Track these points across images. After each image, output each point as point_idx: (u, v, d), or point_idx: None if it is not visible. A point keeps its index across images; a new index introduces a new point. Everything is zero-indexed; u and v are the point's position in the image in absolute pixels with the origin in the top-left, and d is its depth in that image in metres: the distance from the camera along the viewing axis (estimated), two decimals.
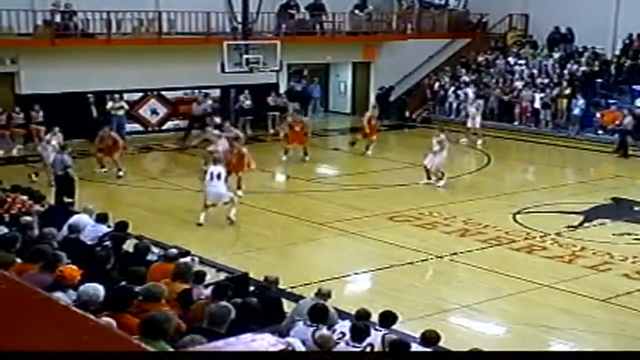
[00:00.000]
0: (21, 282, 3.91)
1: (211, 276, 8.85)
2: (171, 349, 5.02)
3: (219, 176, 13.86)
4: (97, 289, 6.43)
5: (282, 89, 25.69)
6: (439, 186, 16.92)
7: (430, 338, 7.22)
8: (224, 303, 6.57)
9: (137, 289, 6.88)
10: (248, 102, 23.91)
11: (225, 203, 14.02)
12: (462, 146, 22.14)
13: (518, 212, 15.04)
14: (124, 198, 15.79)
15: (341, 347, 6.97)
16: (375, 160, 20.35)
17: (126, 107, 22.27)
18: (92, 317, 3.37)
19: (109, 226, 10.43)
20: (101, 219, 10.56)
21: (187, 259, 9.15)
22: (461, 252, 12.68)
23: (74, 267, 7.26)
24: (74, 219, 10.24)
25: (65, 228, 9.87)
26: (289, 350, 4.27)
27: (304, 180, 17.85)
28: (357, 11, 26.41)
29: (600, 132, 23.39)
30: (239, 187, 15.83)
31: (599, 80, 25.02)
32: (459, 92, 26.76)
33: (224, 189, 13.97)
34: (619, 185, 17.75)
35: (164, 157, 21.67)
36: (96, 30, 21.81)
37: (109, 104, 22.06)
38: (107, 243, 9.29)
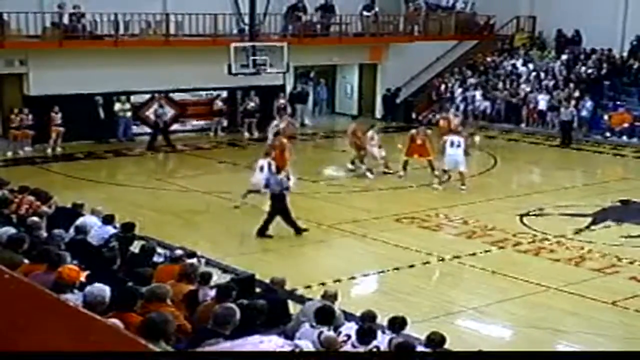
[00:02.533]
0: (30, 282, 3.93)
1: (217, 277, 8.86)
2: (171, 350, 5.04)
3: (262, 168, 14.65)
4: (103, 290, 6.44)
5: (289, 90, 25.72)
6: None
7: (435, 340, 7.19)
8: (229, 304, 6.57)
9: (142, 289, 6.90)
10: (253, 103, 23.97)
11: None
12: (469, 148, 22.08)
13: (525, 214, 15.01)
14: (131, 199, 15.80)
15: (347, 349, 6.96)
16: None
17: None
18: (99, 317, 3.38)
19: (115, 227, 10.44)
20: (108, 220, 10.58)
21: (193, 260, 9.16)
22: (468, 254, 12.65)
23: (74, 267, 7.27)
24: (80, 220, 10.26)
25: (72, 229, 9.90)
26: (296, 351, 4.27)
27: (311, 181, 17.84)
28: (365, 12, 26.40)
29: (608, 134, 23.37)
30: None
31: (606, 82, 24.98)
32: (466, 94, 26.76)
33: (261, 180, 14.51)
34: (627, 187, 17.68)
35: (171, 158, 21.71)
36: (104, 32, 21.87)
37: (117, 106, 22.18)
38: (114, 244, 9.31)
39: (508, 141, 23.95)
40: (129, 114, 22.47)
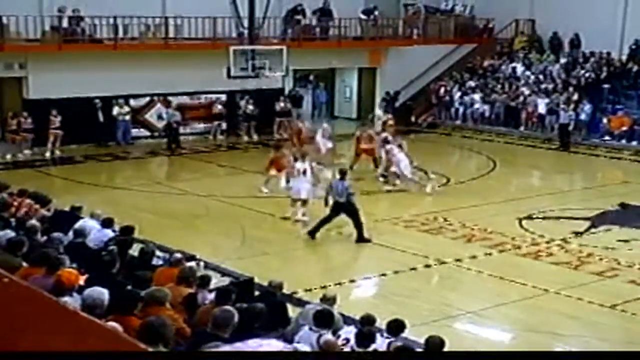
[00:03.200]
0: (30, 286, 3.93)
1: (216, 281, 8.86)
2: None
3: (304, 172, 14.22)
4: (102, 293, 6.45)
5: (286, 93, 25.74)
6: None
7: (434, 344, 7.19)
8: (227, 307, 6.58)
9: (142, 293, 6.91)
10: (251, 107, 23.99)
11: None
12: (467, 151, 22.14)
13: (524, 218, 15.01)
14: (130, 203, 15.80)
15: None
16: None
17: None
18: (97, 320, 3.38)
19: (114, 231, 10.44)
20: (107, 223, 10.58)
21: (192, 263, 9.16)
22: (467, 258, 12.66)
23: (73, 271, 7.28)
24: (79, 223, 10.27)
25: (71, 233, 9.90)
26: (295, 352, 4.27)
27: None
28: (364, 16, 26.42)
29: (607, 137, 23.39)
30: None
31: (606, 85, 25.00)
32: (465, 97, 26.78)
33: (309, 186, 14.23)
34: (627, 191, 17.68)
35: (170, 161, 21.71)
36: (103, 36, 21.89)
37: (116, 109, 22.19)
38: (113, 247, 9.30)
39: (507, 144, 23.96)
40: (128, 117, 22.49)
